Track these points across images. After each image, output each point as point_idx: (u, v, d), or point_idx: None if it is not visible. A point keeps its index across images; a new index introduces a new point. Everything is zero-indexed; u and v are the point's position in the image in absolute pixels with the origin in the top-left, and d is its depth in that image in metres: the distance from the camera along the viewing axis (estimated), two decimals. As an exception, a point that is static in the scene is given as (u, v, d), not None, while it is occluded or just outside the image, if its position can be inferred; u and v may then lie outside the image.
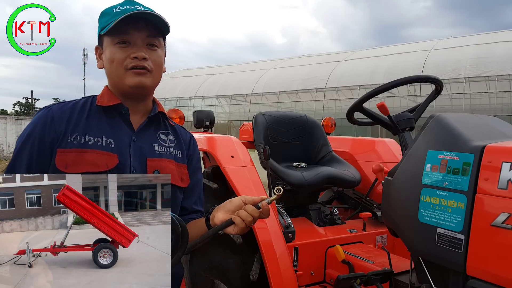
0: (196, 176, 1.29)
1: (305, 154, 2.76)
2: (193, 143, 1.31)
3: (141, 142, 1.16)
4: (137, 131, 1.17)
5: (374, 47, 19.71)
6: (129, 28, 1.10)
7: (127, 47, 1.11)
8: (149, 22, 1.11)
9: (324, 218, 2.46)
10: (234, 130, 18.32)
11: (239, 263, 1.95)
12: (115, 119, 1.16)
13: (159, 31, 1.15)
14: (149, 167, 1.14)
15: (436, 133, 1.36)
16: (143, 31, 1.12)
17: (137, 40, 1.11)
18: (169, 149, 1.21)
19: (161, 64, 1.18)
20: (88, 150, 1.07)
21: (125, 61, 1.11)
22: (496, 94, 13.80)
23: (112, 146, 1.10)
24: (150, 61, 1.13)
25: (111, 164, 1.08)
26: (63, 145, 1.07)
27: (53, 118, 1.10)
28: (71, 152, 1.06)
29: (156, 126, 1.23)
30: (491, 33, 15.94)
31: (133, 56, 1.10)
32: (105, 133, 1.11)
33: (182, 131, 1.31)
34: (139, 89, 1.14)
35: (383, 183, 1.61)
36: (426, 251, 1.34)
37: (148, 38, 1.13)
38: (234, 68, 23.10)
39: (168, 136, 1.24)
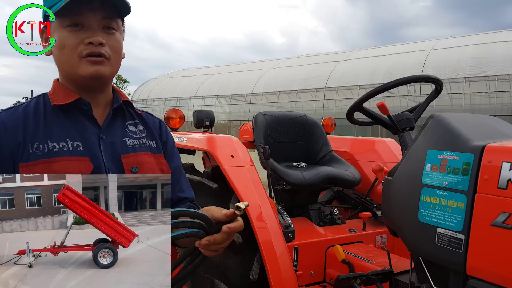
0: (175, 163, 1.17)
1: (305, 154, 2.76)
2: (164, 129, 1.19)
3: (110, 138, 1.03)
4: (103, 127, 1.04)
5: (374, 47, 19.72)
6: (81, 9, 0.94)
7: (80, 31, 0.96)
8: (105, 1, 0.95)
9: (324, 218, 2.46)
10: (234, 130, 18.32)
11: (239, 263, 1.95)
12: (76, 117, 1.01)
13: (117, 11, 1.00)
14: (125, 164, 1.03)
15: (436, 133, 1.36)
16: (98, 11, 0.96)
17: (91, 22, 0.96)
18: (142, 141, 1.09)
19: (120, 49, 1.03)
20: (56, 158, 0.94)
21: (79, 47, 0.95)
22: (496, 94, 13.81)
23: (81, 149, 0.97)
24: (108, 46, 0.98)
25: (86, 169, 0.96)
26: (25, 158, 0.93)
27: (6, 129, 0.94)
28: (37, 165, 0.93)
29: (121, 117, 1.10)
30: (491, 33, 15.94)
31: (87, 41, 0.95)
32: (69, 135, 0.98)
33: (150, 118, 1.18)
34: (96, 79, 0.99)
35: (383, 183, 1.61)
36: (426, 251, 1.34)
37: (104, 20, 0.98)
38: (234, 68, 23.11)
39: (137, 126, 1.11)
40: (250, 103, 19.39)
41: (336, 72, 17.40)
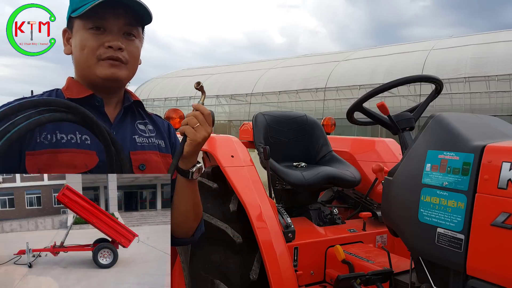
0: None
1: (305, 154, 2.77)
2: (172, 131, 1.22)
3: (120, 135, 1.05)
4: (114, 123, 1.06)
5: (374, 47, 19.73)
6: (106, 13, 0.97)
7: (102, 34, 0.99)
8: (129, 8, 0.98)
9: (324, 218, 2.46)
10: (234, 130, 18.32)
11: (239, 263, 1.95)
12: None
13: (139, 19, 1.03)
14: (133, 161, 1.03)
15: (436, 133, 1.36)
16: (122, 18, 0.99)
17: (113, 27, 0.99)
18: (151, 140, 1.11)
19: (137, 56, 1.06)
20: (62, 149, 0.95)
21: (98, 49, 0.98)
22: (496, 94, 13.82)
23: (89, 143, 0.98)
24: (126, 52, 1.01)
25: (91, 163, 0.96)
26: (32, 146, 0.93)
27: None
28: (43, 154, 0.93)
29: (132, 116, 1.12)
30: (491, 33, 15.96)
31: (107, 45, 0.98)
32: (79, 129, 0.97)
33: (159, 120, 1.21)
34: (112, 82, 1.02)
35: (383, 183, 1.61)
36: (426, 251, 1.34)
37: (126, 27, 1.01)
38: (234, 68, 23.13)
39: (147, 126, 1.14)
40: (250, 103, 19.40)
41: (336, 72, 17.41)
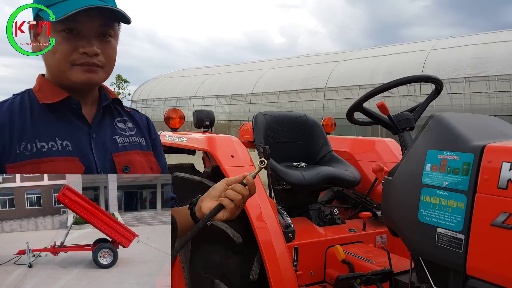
0: (163, 161, 1.14)
1: (305, 154, 2.76)
2: (152, 126, 1.16)
3: (101, 137, 0.99)
4: (93, 125, 0.99)
5: (374, 47, 19.73)
6: (79, 15, 0.87)
7: (75, 38, 0.90)
8: (104, 8, 0.89)
9: (324, 218, 2.46)
10: (234, 130, 18.32)
11: (239, 263, 1.95)
12: (65, 116, 0.96)
13: (115, 16, 0.94)
14: (116, 163, 0.98)
15: (436, 133, 1.36)
16: (96, 19, 0.90)
17: (88, 30, 0.91)
18: (132, 139, 1.05)
19: (114, 56, 0.99)
20: (45, 159, 0.89)
21: (72, 55, 0.91)
22: (496, 94, 13.81)
23: (70, 149, 0.92)
24: (102, 55, 0.94)
25: (77, 170, 0.92)
26: (12, 158, 0.87)
27: None
28: (25, 166, 0.87)
29: (110, 115, 1.06)
30: (491, 33, 15.95)
31: (82, 51, 0.90)
32: (58, 135, 0.92)
33: (137, 115, 1.14)
34: (88, 86, 0.97)
35: (383, 183, 1.61)
36: (426, 251, 1.34)
37: (102, 28, 0.93)
38: (234, 68, 23.12)
39: (126, 124, 1.08)
40: (250, 103, 19.39)
41: (336, 72, 17.40)
